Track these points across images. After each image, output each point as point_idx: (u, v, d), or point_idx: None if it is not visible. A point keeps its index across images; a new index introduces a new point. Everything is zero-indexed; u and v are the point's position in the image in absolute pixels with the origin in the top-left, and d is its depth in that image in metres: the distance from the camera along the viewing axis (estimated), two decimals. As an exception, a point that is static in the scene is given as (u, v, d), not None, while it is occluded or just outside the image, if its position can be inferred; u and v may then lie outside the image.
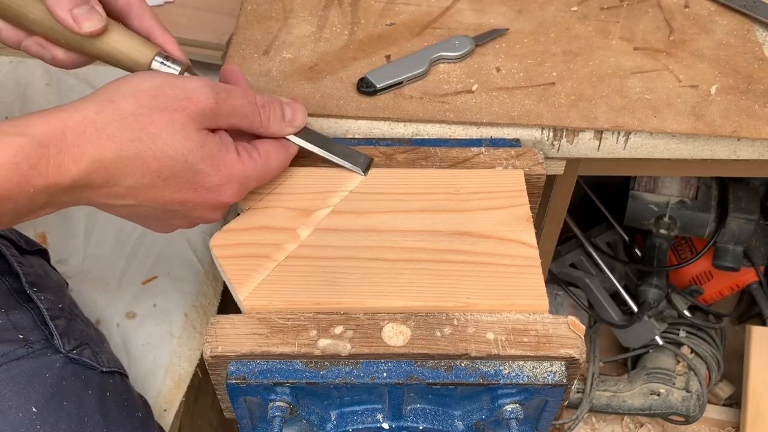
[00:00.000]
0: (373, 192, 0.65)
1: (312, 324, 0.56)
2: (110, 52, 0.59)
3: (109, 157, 0.52)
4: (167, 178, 0.54)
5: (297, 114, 0.63)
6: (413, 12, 0.84)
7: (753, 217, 1.19)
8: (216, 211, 0.59)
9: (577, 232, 1.30)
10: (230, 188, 0.57)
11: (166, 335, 0.82)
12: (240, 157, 0.58)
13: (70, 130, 0.51)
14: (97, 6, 0.57)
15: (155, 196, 0.55)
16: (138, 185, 0.54)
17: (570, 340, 0.56)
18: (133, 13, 0.61)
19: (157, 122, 0.53)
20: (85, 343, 0.70)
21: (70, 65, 0.61)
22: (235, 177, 0.57)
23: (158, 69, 0.59)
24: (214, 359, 0.55)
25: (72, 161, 0.51)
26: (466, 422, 0.60)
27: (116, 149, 0.52)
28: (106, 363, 0.71)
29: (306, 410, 0.58)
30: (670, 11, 0.85)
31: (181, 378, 0.81)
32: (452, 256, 0.61)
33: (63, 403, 0.64)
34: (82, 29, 0.56)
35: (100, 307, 0.83)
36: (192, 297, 0.86)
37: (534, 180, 0.68)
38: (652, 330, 1.32)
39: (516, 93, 0.75)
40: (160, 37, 0.61)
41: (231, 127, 0.58)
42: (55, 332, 0.68)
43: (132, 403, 0.71)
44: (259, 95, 0.60)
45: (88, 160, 0.51)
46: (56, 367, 0.66)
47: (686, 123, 0.72)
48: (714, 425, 1.39)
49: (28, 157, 0.49)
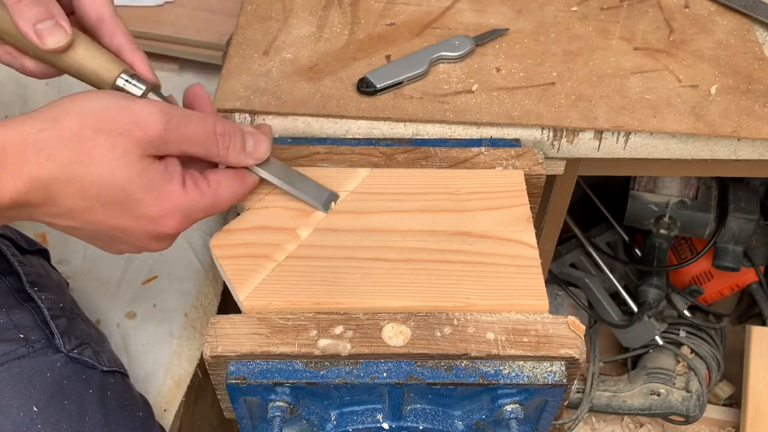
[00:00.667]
0: (373, 192, 0.65)
1: (312, 324, 0.56)
2: (76, 67, 0.57)
3: (47, 178, 0.50)
4: (106, 204, 0.53)
5: (260, 145, 0.59)
6: (413, 12, 0.84)
7: (753, 217, 1.19)
8: (160, 242, 0.57)
9: (577, 232, 1.30)
10: (171, 219, 0.55)
11: (166, 335, 0.82)
12: (185, 188, 0.55)
13: (10, 146, 0.50)
14: (62, 21, 0.55)
15: (95, 220, 0.53)
16: (77, 208, 0.52)
17: (570, 340, 0.56)
18: (104, 30, 0.59)
19: (99, 145, 0.51)
20: (86, 343, 0.70)
21: (40, 75, 0.60)
22: (177, 208, 0.55)
23: (123, 87, 0.57)
24: (214, 359, 0.55)
25: (11, 179, 0.49)
26: (466, 422, 0.60)
27: (55, 170, 0.50)
28: (107, 362, 0.71)
29: (306, 410, 0.58)
30: (670, 11, 0.85)
31: (181, 378, 0.81)
32: (452, 256, 0.61)
33: (64, 402, 0.64)
34: (45, 45, 0.55)
35: (100, 307, 0.83)
36: (192, 297, 0.86)
37: (534, 180, 0.68)
38: (652, 330, 1.32)
39: (516, 93, 0.75)
40: (129, 54, 0.59)
41: (183, 154, 0.56)
42: (56, 332, 0.68)
43: (133, 403, 0.71)
44: (220, 122, 0.57)
45: (26, 179, 0.50)
46: (57, 367, 0.66)
47: (686, 123, 0.72)
48: (714, 425, 1.39)
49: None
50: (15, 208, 0.51)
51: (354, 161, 0.69)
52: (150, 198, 0.53)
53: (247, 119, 0.72)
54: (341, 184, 0.66)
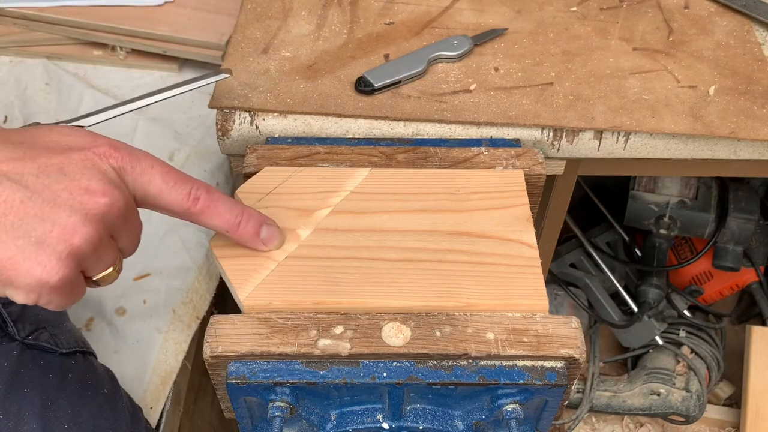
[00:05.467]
0: (373, 192, 0.65)
1: (312, 324, 0.56)
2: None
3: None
4: (28, 145, 0.48)
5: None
6: (412, 11, 0.84)
7: (753, 217, 1.19)
8: (98, 180, 0.48)
9: (577, 232, 1.30)
10: (102, 146, 0.49)
11: (154, 331, 0.82)
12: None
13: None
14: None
15: (16, 169, 0.47)
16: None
17: (570, 340, 0.56)
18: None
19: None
20: (42, 327, 0.69)
21: None
22: (106, 140, 0.50)
23: None
24: (214, 359, 0.55)
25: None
26: (466, 422, 0.60)
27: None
28: (66, 344, 0.70)
29: (306, 410, 0.58)
30: (670, 12, 0.85)
31: (167, 373, 0.81)
32: (452, 256, 0.61)
33: (24, 390, 0.64)
34: None
35: (91, 303, 0.84)
36: (182, 294, 0.86)
37: (534, 180, 0.68)
38: (652, 330, 1.32)
39: (514, 93, 0.75)
40: None
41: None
42: (8, 319, 0.67)
43: (96, 381, 0.70)
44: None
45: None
46: (13, 355, 0.65)
47: (684, 123, 0.72)
48: (714, 425, 1.39)
49: None
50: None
51: (354, 161, 0.69)
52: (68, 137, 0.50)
53: (246, 117, 0.72)
54: (341, 184, 0.66)
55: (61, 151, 0.48)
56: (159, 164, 0.52)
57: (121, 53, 1.08)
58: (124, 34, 1.05)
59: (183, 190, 0.52)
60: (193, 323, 0.87)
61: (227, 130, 0.72)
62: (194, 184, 0.53)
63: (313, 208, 0.64)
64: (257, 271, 0.59)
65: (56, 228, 0.46)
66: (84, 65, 1.10)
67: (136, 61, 1.09)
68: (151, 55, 1.08)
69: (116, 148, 0.50)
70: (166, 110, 1.06)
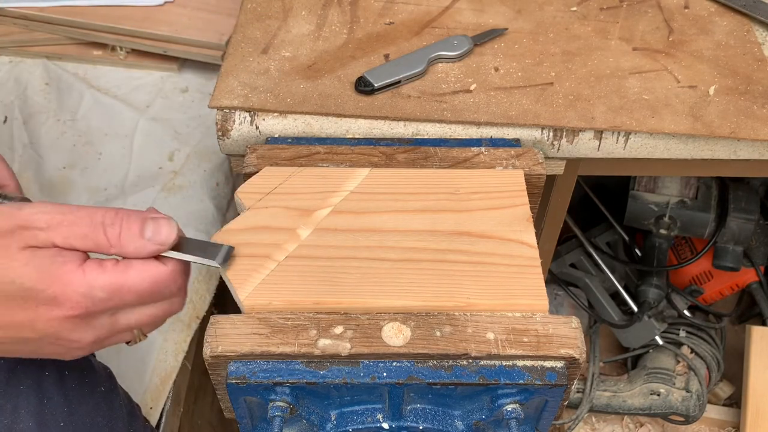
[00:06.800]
0: (373, 192, 0.65)
1: (312, 324, 0.56)
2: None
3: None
4: (4, 303, 0.52)
5: (160, 230, 0.55)
6: (412, 11, 0.84)
7: (753, 217, 1.19)
8: (77, 331, 0.54)
9: (577, 232, 1.30)
10: (71, 299, 0.52)
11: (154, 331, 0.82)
12: (82, 266, 0.53)
13: None
14: None
15: (3, 324, 0.53)
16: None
17: (570, 340, 0.56)
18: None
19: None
20: None
21: None
22: (73, 286, 0.52)
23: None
24: (214, 359, 0.55)
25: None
26: (466, 422, 0.60)
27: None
28: None
29: (306, 410, 0.58)
30: (670, 12, 0.85)
31: (167, 373, 0.81)
32: (452, 256, 0.61)
33: (20, 387, 0.64)
34: None
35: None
36: None
37: (534, 180, 0.68)
38: (652, 330, 1.32)
39: (514, 93, 0.75)
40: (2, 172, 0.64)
41: (73, 247, 0.54)
42: None
43: (93, 378, 0.70)
44: (111, 211, 0.54)
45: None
46: None
47: (684, 123, 0.72)
48: (714, 425, 1.39)
49: None
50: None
51: (354, 161, 0.69)
52: (42, 283, 0.52)
53: (246, 117, 0.72)
54: (341, 184, 0.66)
55: (24, 308, 0.53)
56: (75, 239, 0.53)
57: (121, 53, 1.08)
58: (124, 34, 1.05)
59: (87, 240, 0.54)
60: (193, 323, 0.87)
61: (227, 130, 0.72)
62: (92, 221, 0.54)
63: (313, 208, 0.64)
64: (257, 271, 0.59)
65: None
66: (84, 65, 1.10)
67: (136, 61, 1.09)
68: (151, 55, 1.08)
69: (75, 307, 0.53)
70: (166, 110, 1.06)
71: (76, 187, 0.97)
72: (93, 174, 0.99)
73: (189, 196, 0.98)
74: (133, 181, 0.99)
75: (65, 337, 0.55)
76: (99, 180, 0.98)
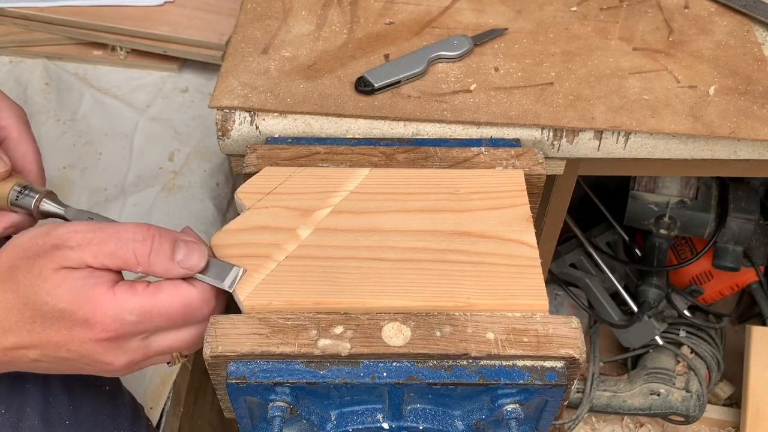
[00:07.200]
0: (373, 192, 0.65)
1: (312, 324, 0.56)
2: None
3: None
4: (42, 323, 0.53)
5: (192, 255, 0.56)
6: (412, 11, 0.84)
7: (753, 217, 1.19)
8: (109, 352, 0.55)
9: (577, 232, 1.30)
10: (101, 321, 0.53)
11: None
12: (113, 289, 0.53)
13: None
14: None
15: (41, 342, 0.54)
16: (22, 334, 0.54)
17: (570, 340, 0.56)
18: (10, 146, 0.66)
19: (21, 269, 0.53)
20: None
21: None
22: (103, 308, 0.53)
23: (14, 200, 0.62)
24: (214, 359, 0.55)
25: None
26: (466, 422, 0.60)
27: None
28: None
29: (306, 410, 0.58)
30: (670, 12, 0.85)
31: (167, 373, 0.81)
32: (452, 256, 0.61)
33: (26, 386, 0.65)
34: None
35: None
36: None
37: (534, 180, 0.68)
38: (652, 330, 1.32)
39: (514, 93, 0.75)
40: (30, 165, 0.66)
41: (104, 266, 0.54)
42: None
43: (98, 377, 0.70)
44: (142, 228, 0.55)
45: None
46: None
47: (684, 124, 0.72)
48: (714, 425, 1.39)
49: None
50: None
51: (354, 161, 0.69)
52: (74, 305, 0.53)
53: (246, 117, 0.72)
54: (341, 184, 0.66)
55: (59, 329, 0.54)
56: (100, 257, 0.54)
57: (121, 53, 1.08)
58: (124, 34, 1.05)
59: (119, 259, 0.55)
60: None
61: (227, 130, 0.72)
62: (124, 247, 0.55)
63: (313, 208, 0.64)
64: (257, 271, 0.59)
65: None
66: (84, 65, 1.10)
67: (136, 61, 1.09)
68: (151, 55, 1.08)
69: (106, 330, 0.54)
70: (166, 110, 1.06)
71: (76, 187, 0.97)
72: (93, 174, 0.99)
73: (189, 196, 0.98)
74: (133, 181, 0.99)
75: (98, 359, 0.55)
76: (99, 180, 0.98)
